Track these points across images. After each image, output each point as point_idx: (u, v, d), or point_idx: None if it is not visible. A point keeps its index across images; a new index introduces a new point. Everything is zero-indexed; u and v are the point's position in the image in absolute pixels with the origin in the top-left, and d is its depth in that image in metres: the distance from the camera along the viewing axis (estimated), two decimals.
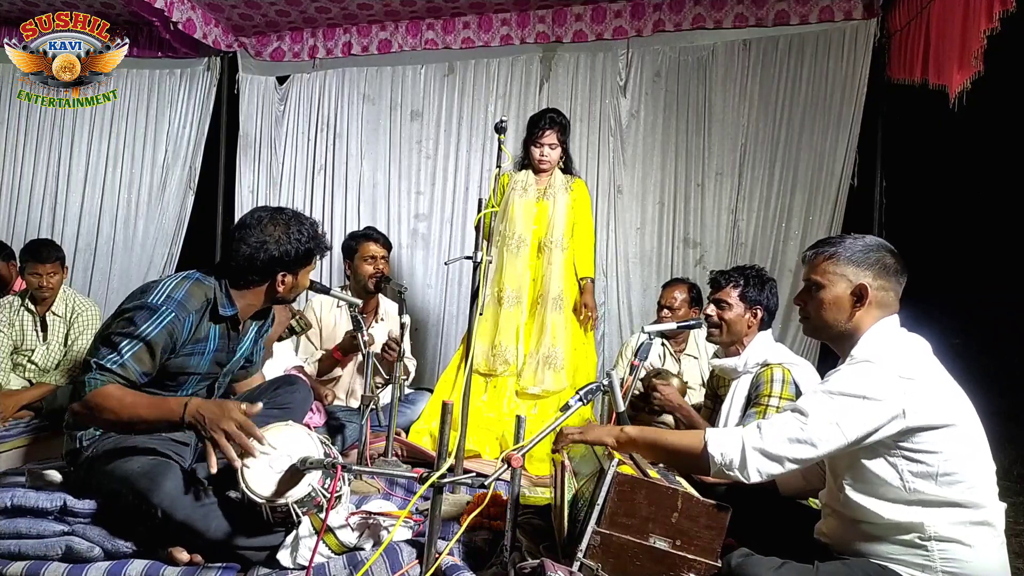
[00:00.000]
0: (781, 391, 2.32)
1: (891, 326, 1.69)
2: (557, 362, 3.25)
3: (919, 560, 1.55)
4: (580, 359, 3.36)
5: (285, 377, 2.56)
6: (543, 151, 3.32)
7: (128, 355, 1.91)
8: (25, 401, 3.27)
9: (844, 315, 1.70)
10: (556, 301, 3.29)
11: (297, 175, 4.93)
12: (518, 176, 3.41)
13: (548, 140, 3.31)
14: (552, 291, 3.29)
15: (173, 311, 1.96)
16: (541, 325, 3.30)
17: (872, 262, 1.69)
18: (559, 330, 3.29)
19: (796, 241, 4.17)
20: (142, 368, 1.94)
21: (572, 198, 3.37)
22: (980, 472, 1.58)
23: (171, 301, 1.97)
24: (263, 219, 2.11)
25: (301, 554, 1.85)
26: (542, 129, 3.31)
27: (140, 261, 4.96)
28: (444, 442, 1.88)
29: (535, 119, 3.39)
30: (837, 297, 1.70)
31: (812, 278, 1.76)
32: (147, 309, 1.94)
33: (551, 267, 3.32)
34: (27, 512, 1.97)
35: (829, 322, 1.72)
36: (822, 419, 1.57)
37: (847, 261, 1.70)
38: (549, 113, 3.38)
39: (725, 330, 2.54)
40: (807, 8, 4.12)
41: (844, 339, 1.72)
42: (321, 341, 3.43)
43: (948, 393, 1.61)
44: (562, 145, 3.36)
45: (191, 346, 2.05)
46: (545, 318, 3.29)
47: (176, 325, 1.97)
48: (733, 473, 1.63)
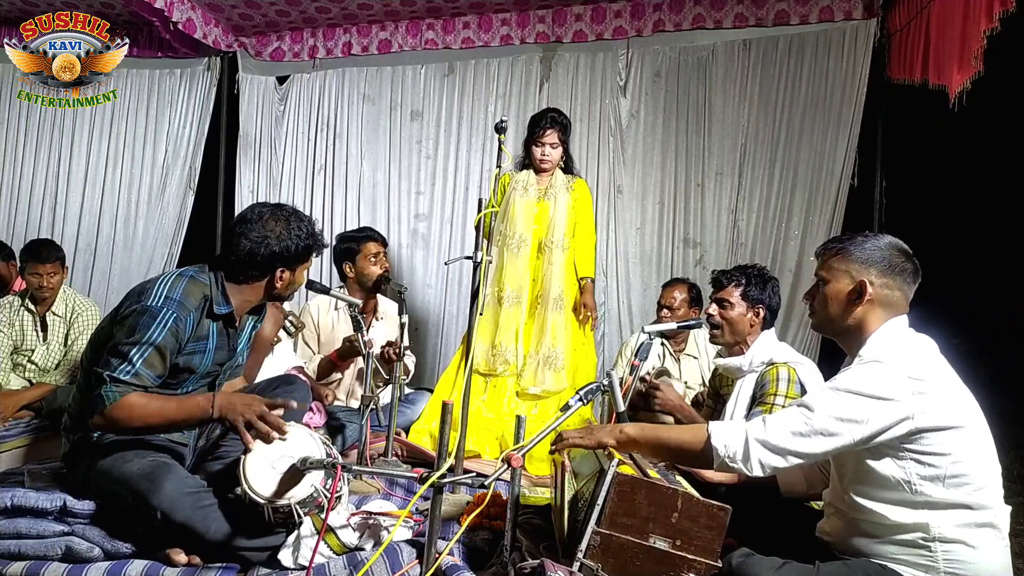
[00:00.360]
0: (787, 390, 2.31)
1: (899, 327, 1.68)
2: (558, 362, 3.25)
3: (922, 561, 1.55)
4: (580, 359, 3.36)
5: (284, 377, 2.56)
6: (544, 150, 3.32)
7: (140, 363, 1.91)
8: (25, 401, 3.28)
9: (842, 310, 1.70)
10: (557, 301, 3.29)
11: (297, 175, 4.93)
12: (519, 176, 3.40)
13: (549, 139, 3.31)
14: (553, 291, 3.29)
15: (174, 311, 1.96)
16: (541, 325, 3.29)
17: (877, 260, 1.69)
18: (559, 330, 3.28)
19: (796, 241, 4.17)
20: (155, 373, 1.94)
21: (573, 198, 3.37)
22: (987, 474, 1.58)
23: (170, 301, 1.97)
24: (264, 214, 2.11)
25: (303, 554, 1.85)
26: (543, 128, 3.31)
27: (140, 261, 4.96)
28: (444, 442, 1.88)
29: (536, 118, 3.39)
30: (837, 292, 1.71)
31: (819, 273, 1.78)
32: (148, 313, 1.94)
33: (552, 267, 3.31)
34: (27, 512, 1.97)
35: (830, 316, 1.74)
36: (827, 415, 1.57)
37: (853, 258, 1.71)
38: (550, 113, 3.38)
39: (727, 330, 2.54)
40: (807, 8, 4.12)
41: (850, 337, 1.73)
42: (319, 344, 3.42)
43: (956, 394, 1.61)
44: (563, 145, 3.35)
45: (193, 344, 2.05)
46: (545, 318, 3.28)
47: (179, 325, 1.97)
48: (736, 465, 1.62)
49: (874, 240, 1.73)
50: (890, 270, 1.68)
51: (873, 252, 1.70)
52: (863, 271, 1.69)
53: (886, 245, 1.71)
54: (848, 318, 1.70)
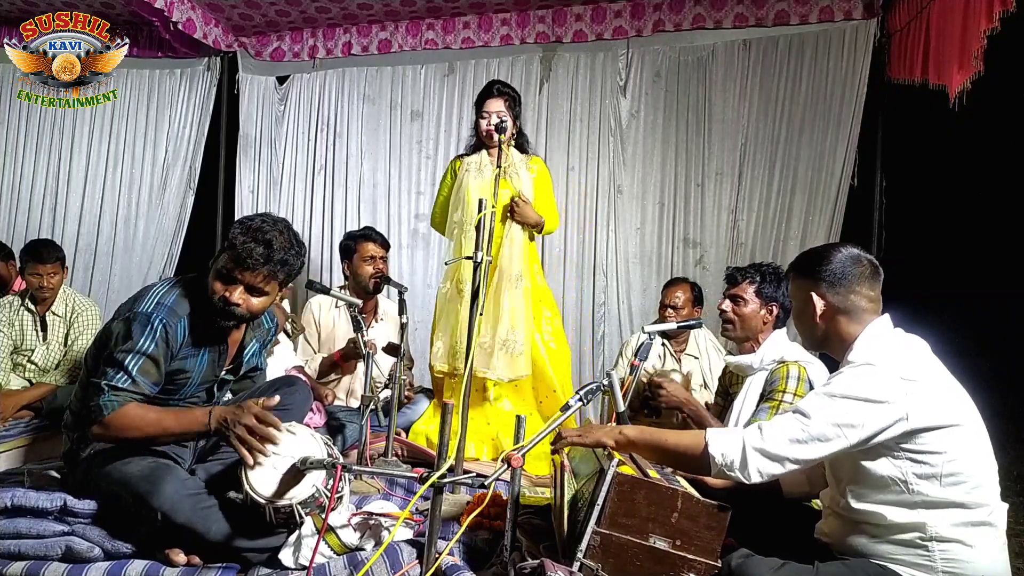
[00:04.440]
0: (796, 388, 2.31)
1: (883, 328, 1.70)
2: (516, 347, 3.02)
3: (920, 560, 1.55)
4: (557, 360, 3.17)
5: (285, 378, 2.56)
6: (490, 120, 3.07)
7: (135, 370, 1.93)
8: (25, 401, 3.28)
9: (809, 326, 1.79)
10: (516, 280, 3.07)
11: (297, 175, 4.93)
12: (471, 158, 3.20)
13: (495, 107, 3.09)
14: (512, 269, 3.07)
15: (163, 317, 1.97)
16: (498, 306, 3.04)
17: (825, 274, 1.75)
18: (519, 312, 3.05)
19: (796, 241, 4.17)
20: (151, 380, 1.96)
21: (533, 178, 3.17)
22: (983, 472, 1.58)
23: (161, 308, 1.99)
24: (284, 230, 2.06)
25: (303, 554, 1.85)
26: (487, 98, 3.12)
27: (140, 261, 4.96)
28: (444, 442, 1.88)
29: (481, 93, 3.19)
30: (800, 311, 1.82)
31: (789, 295, 1.93)
32: (139, 321, 1.96)
33: (512, 245, 3.08)
34: (27, 512, 1.97)
35: (803, 333, 1.85)
36: (824, 421, 1.57)
37: (803, 277, 1.80)
38: (496, 84, 3.19)
39: (739, 325, 2.54)
40: (807, 8, 4.12)
41: (832, 347, 1.78)
42: (319, 343, 3.42)
43: (951, 393, 1.61)
44: (513, 118, 3.11)
45: (187, 349, 2.05)
46: (503, 299, 3.04)
47: (169, 331, 1.98)
48: (734, 474, 1.62)
49: (823, 253, 1.79)
50: (839, 280, 1.73)
51: (820, 268, 1.75)
52: (812, 287, 1.76)
53: (836, 258, 1.76)
54: (817, 332, 1.78)
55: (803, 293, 1.78)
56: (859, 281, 1.72)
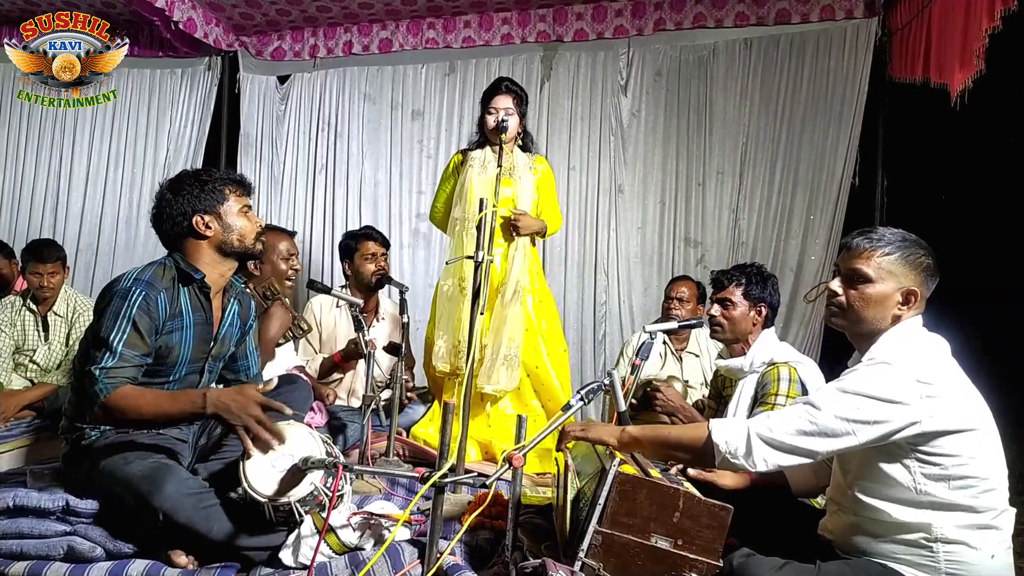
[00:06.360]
0: (788, 390, 2.32)
1: (914, 327, 1.66)
2: (515, 360, 3.03)
3: (923, 561, 1.54)
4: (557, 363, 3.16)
5: (286, 377, 2.55)
6: (498, 116, 3.02)
7: (120, 345, 1.92)
8: (27, 401, 3.28)
9: (884, 313, 1.65)
10: (516, 294, 3.06)
11: (298, 175, 4.93)
12: (474, 154, 3.14)
13: (502, 104, 3.04)
14: (513, 282, 3.05)
15: (143, 290, 1.97)
16: (501, 321, 3.03)
17: (924, 268, 1.65)
18: (517, 326, 3.05)
19: (797, 240, 4.17)
20: (138, 352, 1.95)
21: (537, 178, 3.16)
22: (993, 476, 1.57)
23: (139, 283, 1.99)
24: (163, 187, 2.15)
25: (303, 553, 1.85)
26: (495, 94, 3.08)
27: (142, 261, 4.88)
28: (446, 441, 1.88)
29: (489, 89, 3.15)
30: (883, 295, 1.64)
31: (860, 269, 1.66)
32: (118, 296, 1.97)
33: (516, 260, 3.07)
34: (29, 512, 1.97)
35: (867, 316, 1.66)
36: (834, 415, 1.56)
37: (904, 263, 1.64)
38: (504, 81, 3.14)
39: (728, 327, 2.54)
40: (808, 7, 4.11)
41: (866, 334, 1.69)
42: (321, 343, 3.42)
43: (966, 397, 1.59)
44: (520, 117, 3.08)
45: (171, 323, 2.05)
46: (505, 314, 3.03)
47: (150, 303, 1.98)
48: (738, 462, 1.61)
49: (917, 246, 1.67)
50: (932, 278, 1.67)
51: (921, 259, 1.65)
52: (913, 277, 1.64)
53: (926, 251, 1.67)
54: (885, 322, 1.65)
55: (897, 281, 1.63)
56: (935, 280, 1.68)
